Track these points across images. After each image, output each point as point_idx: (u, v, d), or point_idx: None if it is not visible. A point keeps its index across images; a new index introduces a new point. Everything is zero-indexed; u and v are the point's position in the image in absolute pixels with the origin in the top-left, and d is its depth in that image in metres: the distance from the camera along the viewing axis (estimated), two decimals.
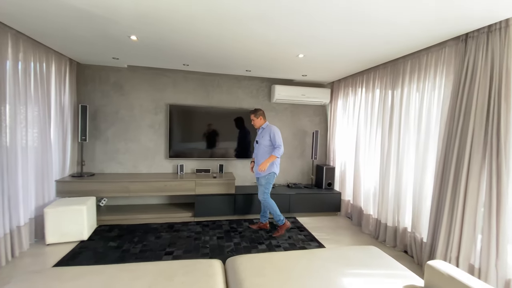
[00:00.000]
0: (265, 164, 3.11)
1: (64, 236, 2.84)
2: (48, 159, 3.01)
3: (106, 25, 2.28)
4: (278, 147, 3.14)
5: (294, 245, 3.04)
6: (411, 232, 2.81)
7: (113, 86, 3.77)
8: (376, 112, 3.35)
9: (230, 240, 3.11)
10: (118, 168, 3.85)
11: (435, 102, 2.58)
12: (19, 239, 2.58)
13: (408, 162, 2.88)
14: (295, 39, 2.47)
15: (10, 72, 2.44)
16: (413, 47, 2.59)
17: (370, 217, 3.43)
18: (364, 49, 2.70)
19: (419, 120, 2.71)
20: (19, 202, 2.57)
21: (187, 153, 3.99)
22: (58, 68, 3.23)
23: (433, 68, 2.58)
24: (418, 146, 2.74)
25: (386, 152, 3.11)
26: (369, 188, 3.48)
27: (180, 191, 3.58)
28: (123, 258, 2.61)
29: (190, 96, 4.01)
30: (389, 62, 3.11)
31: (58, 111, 3.25)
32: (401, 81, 2.95)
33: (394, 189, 3.04)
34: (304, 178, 4.54)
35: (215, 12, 1.96)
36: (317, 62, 3.19)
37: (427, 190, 2.65)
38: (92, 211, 3.15)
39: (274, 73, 3.90)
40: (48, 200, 3.04)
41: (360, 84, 3.67)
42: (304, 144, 4.48)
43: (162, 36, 2.52)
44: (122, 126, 3.83)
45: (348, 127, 3.97)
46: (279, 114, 4.34)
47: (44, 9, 2.01)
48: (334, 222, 3.85)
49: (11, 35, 2.44)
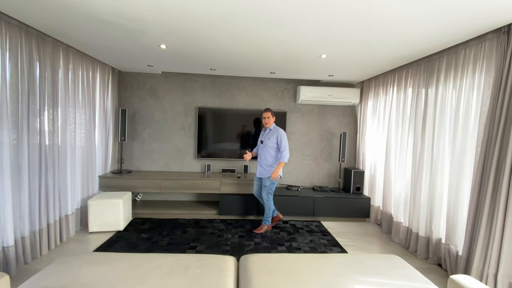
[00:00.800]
0: (277, 172, 3.19)
1: (104, 225, 3.17)
2: (92, 157, 3.40)
3: (137, 35, 2.51)
4: (283, 150, 3.20)
5: (315, 249, 2.99)
6: (445, 244, 2.58)
7: (149, 91, 4.10)
8: (409, 113, 3.14)
9: (251, 239, 3.17)
10: (152, 166, 4.17)
11: (474, 102, 2.34)
12: (67, 226, 2.96)
13: (443, 167, 2.65)
14: (315, 41, 2.44)
15: (62, 80, 2.82)
16: (448, 42, 2.38)
17: (400, 225, 3.22)
18: (386, 46, 2.56)
19: (456, 122, 2.48)
20: (67, 194, 2.95)
21: (214, 153, 4.16)
22: (102, 76, 3.62)
23: (472, 64, 2.34)
24: (454, 150, 2.50)
25: (419, 156, 2.90)
26: (399, 194, 3.26)
27: (206, 190, 3.75)
28: (151, 248, 2.83)
29: (217, 99, 4.18)
30: (422, 58, 2.89)
31: (102, 114, 3.65)
32: (435, 79, 2.73)
33: (427, 196, 2.81)
34: (331, 181, 4.41)
35: (233, 19, 2.04)
36: (341, 62, 3.10)
37: (464, 198, 2.41)
38: (128, 204, 3.46)
39: (299, 74, 3.87)
40: (92, 193, 3.43)
41: (392, 83, 3.47)
42: (331, 146, 4.36)
43: (187, 44, 2.69)
44: (157, 127, 4.14)
45: (379, 128, 3.77)
46: (304, 115, 4.29)
47: (86, 25, 2.30)
48: (362, 229, 3.69)
49: (62, 49, 2.82)
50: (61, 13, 2.06)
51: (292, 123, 4.28)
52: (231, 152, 4.17)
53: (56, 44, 2.73)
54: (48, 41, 2.60)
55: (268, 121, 3.28)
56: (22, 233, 2.38)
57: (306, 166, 4.35)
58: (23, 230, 2.39)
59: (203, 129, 4.12)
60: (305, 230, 3.50)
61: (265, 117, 3.27)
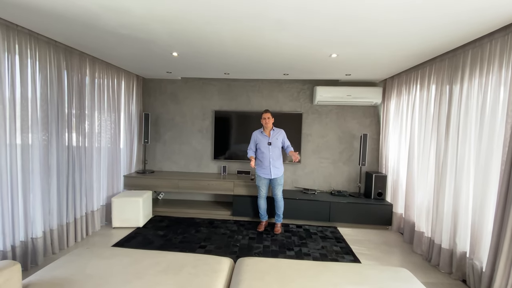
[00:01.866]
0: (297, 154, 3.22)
1: (125, 221, 3.42)
2: (117, 158, 3.69)
3: (150, 45, 2.67)
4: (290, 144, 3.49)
5: (325, 256, 2.88)
6: (469, 258, 2.31)
7: (170, 96, 4.33)
8: (432, 113, 2.88)
9: (261, 242, 3.17)
10: (173, 167, 4.39)
11: (501, 101, 2.07)
12: (93, 221, 3.25)
13: (468, 174, 2.38)
14: (322, 41, 2.37)
15: (88, 88, 3.11)
16: (470, 35, 2.15)
17: (422, 235, 2.96)
18: (405, 42, 2.38)
19: (481, 123, 2.22)
20: (93, 192, 3.24)
21: (230, 155, 4.24)
22: (127, 83, 3.92)
23: (498, 58, 2.08)
24: (479, 155, 2.24)
25: (442, 160, 2.64)
26: (422, 202, 3.00)
27: (221, 191, 3.83)
28: (164, 245, 2.98)
29: (233, 102, 4.26)
30: (447, 53, 2.64)
31: (127, 118, 3.94)
32: (460, 75, 2.47)
33: (452, 204, 2.55)
34: (351, 185, 4.22)
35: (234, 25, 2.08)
36: (355, 60, 2.96)
37: (489, 209, 2.14)
38: (148, 202, 3.69)
39: (314, 75, 3.78)
40: (116, 191, 3.72)
41: (414, 81, 3.21)
42: (351, 148, 4.17)
43: (196, 51, 2.80)
44: (177, 130, 4.35)
45: (402, 130, 3.51)
46: (322, 116, 4.16)
47: (103, 38, 2.51)
48: (382, 237, 3.46)
49: (89, 60, 3.11)
50: (79, 29, 2.28)
51: (308, 125, 4.19)
52: (246, 154, 4.21)
53: (83, 56, 3.02)
54: (75, 53, 2.89)
55: (269, 122, 3.30)
56: (50, 226, 2.68)
57: (324, 170, 4.22)
58: (52, 223, 2.69)
59: (220, 131, 4.22)
60: (319, 236, 3.39)
61: (266, 117, 3.29)
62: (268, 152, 3.35)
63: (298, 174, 4.25)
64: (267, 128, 3.34)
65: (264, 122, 3.30)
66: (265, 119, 3.29)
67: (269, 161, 3.35)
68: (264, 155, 3.36)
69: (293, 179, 4.26)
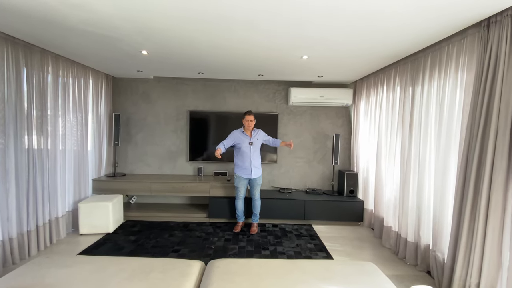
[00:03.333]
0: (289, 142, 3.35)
1: (94, 228, 3.26)
2: (84, 161, 3.51)
3: (116, 43, 2.57)
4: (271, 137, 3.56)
5: (299, 254, 2.93)
6: (432, 251, 2.45)
7: (142, 96, 4.19)
8: (397, 113, 3.02)
9: (236, 243, 3.15)
10: (146, 169, 4.25)
11: (457, 101, 2.22)
12: (57, 228, 3.06)
13: (429, 170, 2.53)
14: (293, 42, 2.41)
15: (51, 87, 2.93)
16: (430, 38, 2.28)
17: (390, 230, 3.09)
18: (369, 46, 2.48)
19: (440, 123, 2.36)
20: (57, 197, 3.05)
21: (206, 156, 4.19)
22: (95, 82, 3.74)
23: (454, 61, 2.23)
24: (438, 152, 2.38)
25: (406, 158, 2.78)
26: (389, 198, 3.14)
27: (196, 193, 3.77)
28: (136, 251, 2.87)
29: (208, 102, 4.21)
30: (409, 56, 2.78)
31: (95, 119, 3.76)
32: (421, 78, 2.61)
33: (416, 200, 2.69)
34: (325, 184, 4.32)
35: (203, 22, 2.05)
36: (325, 62, 3.04)
37: (449, 203, 2.28)
38: (118, 207, 3.54)
39: (288, 76, 3.83)
40: (84, 196, 3.54)
41: (382, 82, 3.36)
42: (325, 148, 4.28)
43: (167, 50, 2.73)
44: (149, 131, 4.22)
45: (370, 129, 3.65)
46: (297, 116, 4.23)
47: (64, 35, 2.38)
48: (354, 233, 3.58)
49: (51, 57, 2.93)
50: (39, 24, 2.14)
51: (284, 125, 4.23)
52: (222, 154, 4.17)
53: (45, 53, 2.84)
54: (35, 50, 2.71)
55: (251, 124, 3.33)
56: (10, 234, 2.49)
57: (300, 169, 4.28)
58: (11, 232, 2.50)
59: (195, 132, 4.15)
60: (294, 234, 3.44)
61: (249, 119, 3.30)
62: (250, 152, 3.34)
63: (274, 173, 4.28)
64: (249, 129, 3.35)
65: (247, 124, 3.30)
66: (248, 121, 3.28)
67: (250, 161, 3.35)
68: (245, 155, 3.35)
69: (269, 179, 4.29)
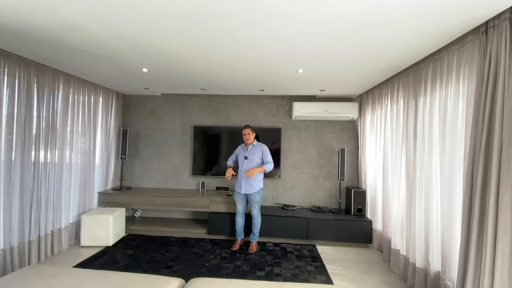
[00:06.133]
0: (253, 171, 3.16)
1: (94, 240, 3.31)
2: (90, 174, 3.64)
3: (118, 62, 2.71)
4: (270, 163, 3.32)
5: (296, 276, 2.74)
6: (441, 278, 2.19)
7: (149, 112, 4.35)
8: (401, 127, 2.85)
9: (232, 261, 3.03)
10: (151, 183, 4.32)
11: (460, 112, 2.05)
12: (59, 239, 3.14)
13: (436, 187, 2.31)
14: (281, 56, 2.40)
15: (61, 104, 3.12)
16: (428, 47, 2.16)
17: (399, 254, 2.83)
18: (365, 58, 2.40)
19: (443, 136, 2.18)
20: (61, 209, 3.16)
21: (209, 171, 4.18)
22: (105, 100, 3.95)
23: (455, 70, 2.08)
24: (443, 168, 2.18)
25: (412, 174, 2.58)
26: (396, 218, 2.90)
27: (196, 208, 3.74)
28: (130, 266, 2.85)
29: (212, 117, 4.26)
30: (411, 67, 2.65)
31: (104, 134, 3.93)
32: (423, 89, 2.47)
33: (424, 220, 2.45)
34: (332, 201, 4.11)
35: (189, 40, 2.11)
36: (322, 76, 2.98)
37: (457, 224, 2.05)
38: (120, 220, 3.59)
39: (289, 91, 3.80)
40: (88, 208, 3.64)
41: (386, 95, 3.22)
42: (331, 163, 4.11)
43: (165, 67, 2.83)
44: (156, 146, 4.33)
45: (376, 144, 3.47)
46: (301, 131, 4.14)
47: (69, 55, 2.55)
48: (361, 256, 3.32)
49: (63, 76, 3.15)
50: (48, 46, 2.32)
51: (287, 140, 4.16)
52: (225, 169, 4.15)
53: (57, 73, 3.06)
54: (48, 70, 2.93)
55: (249, 137, 3.31)
56: (11, 243, 2.59)
57: (305, 185, 4.13)
58: (12, 241, 2.59)
59: (199, 147, 4.20)
60: (295, 255, 3.26)
61: (245, 133, 3.31)
62: (243, 166, 3.33)
63: (278, 190, 4.16)
64: (247, 143, 3.36)
65: (245, 138, 3.34)
66: (244, 135, 3.33)
67: (242, 175, 3.30)
68: (239, 168, 3.38)
69: (273, 195, 4.17)
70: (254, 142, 3.38)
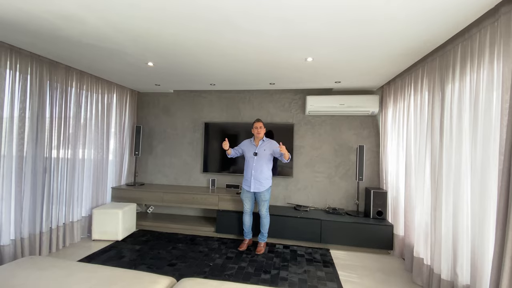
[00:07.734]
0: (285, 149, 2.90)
1: (104, 234, 3.35)
2: (104, 169, 3.71)
3: (123, 56, 2.70)
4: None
5: (304, 282, 2.53)
6: None
7: (162, 109, 4.36)
8: (426, 120, 2.53)
9: (237, 262, 2.89)
10: (164, 180, 4.33)
11: (494, 100, 1.72)
12: (71, 232, 3.22)
13: (466, 188, 1.99)
14: (284, 41, 2.21)
15: (73, 100, 3.20)
16: (453, 22, 1.86)
17: (422, 263, 2.50)
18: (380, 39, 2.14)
19: (474, 128, 1.86)
20: (74, 202, 3.24)
21: (219, 168, 4.09)
22: (119, 97, 4.02)
23: (488, 49, 1.76)
24: (474, 166, 1.86)
25: (437, 173, 2.26)
26: (420, 222, 2.57)
27: (205, 205, 3.66)
28: (135, 261, 2.83)
29: (223, 113, 4.17)
30: (437, 51, 2.32)
31: (118, 131, 4.00)
32: (451, 75, 2.14)
33: (452, 225, 2.13)
34: (350, 203, 3.81)
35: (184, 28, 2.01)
36: (335, 65, 2.74)
37: (490, 232, 1.73)
38: (130, 215, 3.61)
39: (302, 84, 3.58)
40: (102, 203, 3.71)
41: (408, 85, 2.89)
42: (348, 161, 3.82)
43: (168, 60, 2.77)
44: (168, 143, 4.33)
45: (398, 140, 3.14)
46: (315, 127, 3.89)
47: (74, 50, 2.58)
48: (379, 263, 3.01)
49: (76, 73, 3.22)
50: (46, 39, 2.36)
51: (300, 136, 3.93)
52: (236, 167, 4.04)
53: (70, 70, 3.14)
54: (60, 67, 3.01)
55: (261, 131, 3.14)
56: (22, 234, 2.67)
57: (319, 184, 3.88)
58: (23, 232, 2.68)
59: (209, 143, 4.12)
60: (305, 258, 3.04)
61: (258, 126, 3.14)
62: (252, 162, 3.16)
63: (290, 189, 3.95)
64: (258, 137, 3.18)
65: (256, 132, 3.15)
66: (257, 128, 3.15)
67: (251, 173, 3.15)
68: (247, 165, 3.20)
69: (285, 195, 3.97)
70: (264, 137, 3.20)
